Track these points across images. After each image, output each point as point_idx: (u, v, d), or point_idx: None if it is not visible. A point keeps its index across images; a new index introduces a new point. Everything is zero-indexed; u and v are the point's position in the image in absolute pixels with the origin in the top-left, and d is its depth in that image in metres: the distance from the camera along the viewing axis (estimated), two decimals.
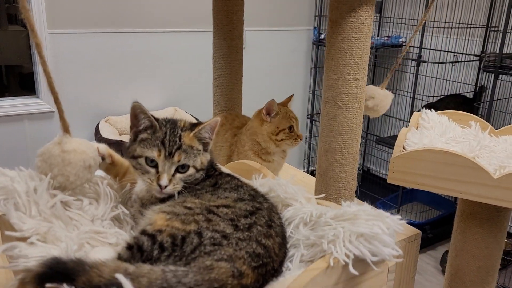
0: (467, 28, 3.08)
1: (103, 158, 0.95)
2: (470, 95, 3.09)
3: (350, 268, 0.72)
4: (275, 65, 3.54)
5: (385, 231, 0.72)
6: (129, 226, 0.88)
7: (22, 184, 0.80)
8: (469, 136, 1.40)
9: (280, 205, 0.91)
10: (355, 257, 0.73)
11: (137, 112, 0.88)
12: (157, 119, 0.90)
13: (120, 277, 0.60)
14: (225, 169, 1.04)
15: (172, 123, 0.91)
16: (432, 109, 1.52)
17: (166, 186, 0.85)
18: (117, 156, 0.98)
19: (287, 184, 0.92)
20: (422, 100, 3.09)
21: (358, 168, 3.83)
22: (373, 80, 3.75)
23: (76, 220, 0.82)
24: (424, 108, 1.52)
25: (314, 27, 3.67)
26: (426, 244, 3.11)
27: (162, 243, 0.73)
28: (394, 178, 1.24)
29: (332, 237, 0.74)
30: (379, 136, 3.53)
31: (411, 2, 3.45)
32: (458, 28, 3.11)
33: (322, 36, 3.60)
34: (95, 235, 0.80)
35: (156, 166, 0.86)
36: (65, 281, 0.64)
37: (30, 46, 2.67)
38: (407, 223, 1.28)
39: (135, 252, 0.73)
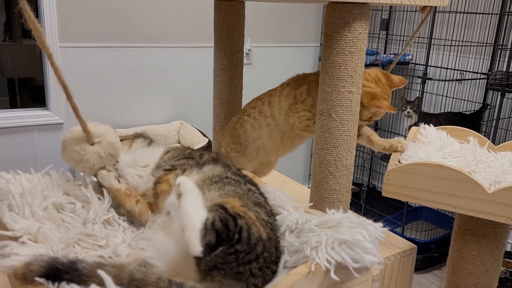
0: (474, 46, 3.09)
1: None
2: None
3: (332, 274, 0.72)
4: (281, 81, 3.56)
5: (367, 238, 0.72)
6: (121, 228, 0.90)
7: (17, 186, 0.83)
8: (466, 151, 1.40)
9: None
10: (338, 264, 0.73)
11: None
12: None
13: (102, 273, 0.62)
14: None
15: None
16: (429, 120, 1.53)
17: None
18: None
19: (275, 192, 0.93)
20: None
21: (364, 185, 3.82)
22: None
23: (68, 222, 0.84)
24: (422, 123, 1.53)
25: (320, 44, 3.72)
26: (432, 263, 3.07)
27: (241, 233, 0.70)
28: (389, 191, 1.25)
29: (315, 244, 0.75)
30: (385, 154, 3.52)
31: (418, 20, 3.48)
32: (465, 46, 3.12)
33: None
34: (85, 237, 0.82)
35: None
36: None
37: (42, 59, 2.74)
38: (411, 240, 1.27)
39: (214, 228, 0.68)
